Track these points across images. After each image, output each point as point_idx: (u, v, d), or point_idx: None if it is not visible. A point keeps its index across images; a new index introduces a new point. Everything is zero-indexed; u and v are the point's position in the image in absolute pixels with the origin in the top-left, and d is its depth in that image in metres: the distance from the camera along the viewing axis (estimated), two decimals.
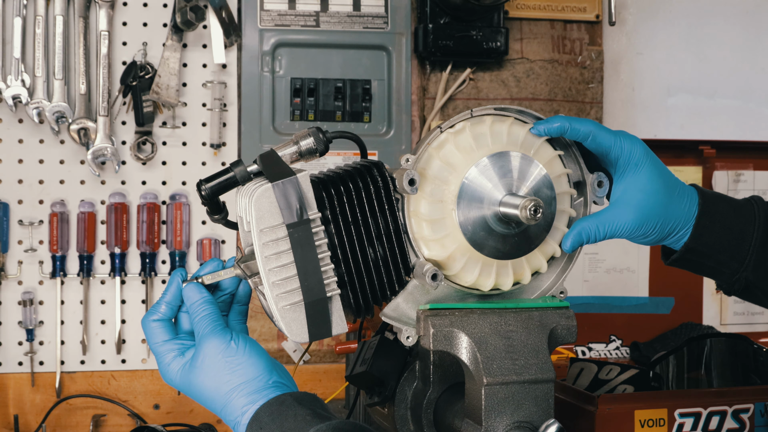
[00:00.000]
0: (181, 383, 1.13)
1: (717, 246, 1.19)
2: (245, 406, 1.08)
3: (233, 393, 1.09)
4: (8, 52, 1.97)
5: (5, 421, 2.02)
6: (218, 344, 1.11)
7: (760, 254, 1.19)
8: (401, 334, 1.17)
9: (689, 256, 1.20)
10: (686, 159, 2.21)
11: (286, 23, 2.12)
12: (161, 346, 1.15)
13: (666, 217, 1.17)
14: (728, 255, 1.19)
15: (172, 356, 1.14)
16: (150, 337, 1.16)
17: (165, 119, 2.08)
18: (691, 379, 1.82)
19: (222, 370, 1.10)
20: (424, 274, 1.12)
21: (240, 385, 1.10)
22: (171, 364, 1.14)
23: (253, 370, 1.11)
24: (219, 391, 1.10)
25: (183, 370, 1.13)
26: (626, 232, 1.17)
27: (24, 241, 2.03)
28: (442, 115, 2.22)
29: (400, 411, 1.30)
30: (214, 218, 1.23)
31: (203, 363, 1.11)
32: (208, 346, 1.12)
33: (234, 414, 1.09)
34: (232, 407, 1.09)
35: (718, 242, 1.19)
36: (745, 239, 1.19)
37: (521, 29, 2.26)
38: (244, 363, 1.11)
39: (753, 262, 1.19)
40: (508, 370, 1.13)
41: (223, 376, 1.10)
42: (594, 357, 2.13)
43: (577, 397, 1.63)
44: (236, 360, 1.11)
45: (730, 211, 1.20)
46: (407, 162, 1.13)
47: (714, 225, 1.19)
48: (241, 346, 1.12)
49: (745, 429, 1.66)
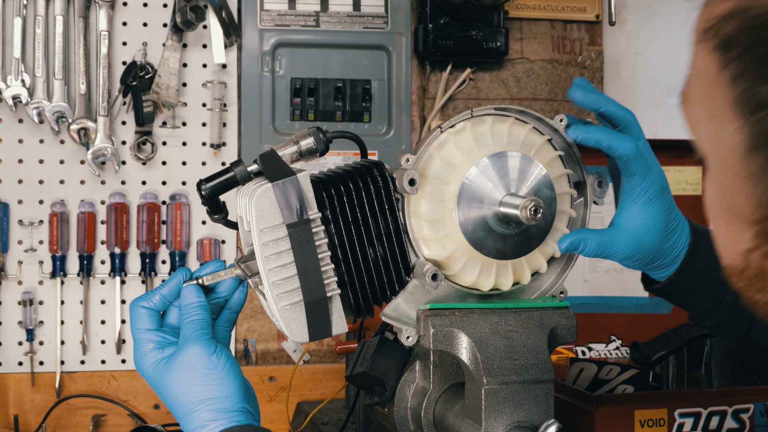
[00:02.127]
0: (152, 377, 1.13)
1: (698, 284, 1.21)
2: (207, 421, 1.08)
3: (199, 405, 1.09)
4: (8, 52, 1.97)
5: (5, 421, 2.02)
6: (201, 353, 1.11)
7: (737, 299, 1.20)
8: (401, 334, 1.17)
9: (671, 289, 1.23)
10: (686, 159, 2.21)
11: (286, 23, 2.12)
12: (143, 333, 1.15)
13: (657, 252, 1.19)
14: (708, 295, 1.22)
15: (151, 347, 1.14)
16: (134, 321, 1.16)
17: (165, 119, 2.08)
18: (691, 379, 1.82)
19: (196, 380, 1.10)
20: (424, 274, 1.12)
21: (209, 399, 1.09)
22: (147, 354, 1.14)
23: (225, 389, 1.10)
24: (187, 398, 1.10)
25: (158, 365, 1.13)
26: (618, 258, 1.19)
27: (24, 241, 2.03)
28: (442, 115, 2.22)
29: (400, 411, 1.30)
30: (214, 218, 1.22)
31: (180, 366, 1.11)
32: (191, 351, 1.11)
33: (193, 425, 1.09)
34: (194, 419, 1.09)
35: (699, 280, 1.21)
36: (726, 283, 1.20)
37: (521, 29, 2.26)
38: (219, 379, 1.10)
39: (729, 304, 1.21)
40: (508, 370, 1.13)
41: (195, 385, 1.10)
42: (594, 357, 2.13)
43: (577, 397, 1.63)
44: (213, 374, 1.10)
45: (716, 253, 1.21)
46: (407, 162, 1.13)
47: (700, 263, 1.21)
48: (222, 361, 1.11)
49: (745, 429, 1.66)
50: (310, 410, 1.88)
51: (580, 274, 2.17)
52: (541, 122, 1.18)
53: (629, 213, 1.18)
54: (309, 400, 2.09)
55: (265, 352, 2.14)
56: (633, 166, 1.17)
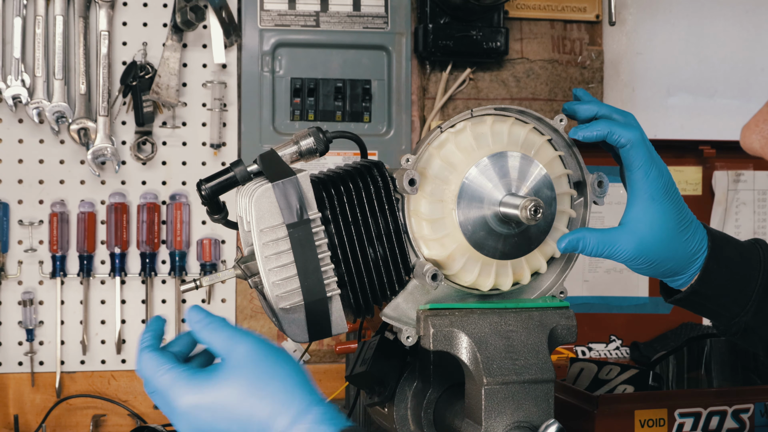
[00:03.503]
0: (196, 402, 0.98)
1: (721, 290, 1.18)
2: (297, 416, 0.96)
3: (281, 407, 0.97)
4: (8, 52, 1.97)
5: (5, 421, 2.02)
6: (254, 345, 1.01)
7: (761, 299, 1.19)
8: (401, 334, 1.17)
9: (693, 298, 1.20)
10: (686, 159, 2.21)
11: (286, 23, 2.12)
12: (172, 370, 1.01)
13: (666, 255, 1.16)
14: (731, 299, 1.19)
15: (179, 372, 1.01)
16: (152, 365, 1.02)
17: (165, 119, 2.08)
18: (691, 379, 1.82)
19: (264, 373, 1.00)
20: (424, 273, 1.12)
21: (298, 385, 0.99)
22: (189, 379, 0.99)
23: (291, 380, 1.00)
24: (284, 388, 0.98)
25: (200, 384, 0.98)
26: (622, 258, 1.16)
27: (24, 241, 2.03)
28: (442, 115, 2.22)
29: (400, 411, 1.30)
30: (214, 218, 1.22)
31: (239, 365, 0.99)
32: (244, 347, 1.00)
33: (282, 423, 0.96)
34: (283, 419, 0.96)
35: (722, 286, 1.18)
36: (749, 284, 1.18)
37: (521, 29, 2.26)
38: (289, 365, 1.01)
39: (754, 307, 1.18)
40: (508, 370, 1.13)
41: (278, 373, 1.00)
42: (594, 357, 2.13)
43: (577, 397, 1.63)
44: (281, 361, 1.02)
45: (737, 255, 1.19)
46: (407, 162, 1.13)
47: (720, 269, 1.18)
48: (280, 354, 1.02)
49: (745, 429, 1.66)
50: None
51: (580, 274, 2.17)
52: (541, 122, 1.18)
53: (633, 212, 1.16)
54: None
55: None
56: (635, 156, 1.14)
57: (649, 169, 1.15)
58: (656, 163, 1.16)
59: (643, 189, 1.15)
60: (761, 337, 1.21)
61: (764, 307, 1.19)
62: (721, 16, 2.43)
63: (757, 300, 1.18)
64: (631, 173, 1.16)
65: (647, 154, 1.15)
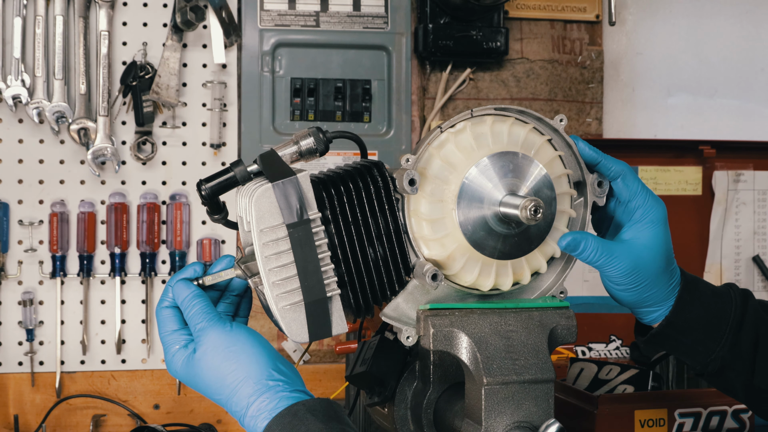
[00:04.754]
0: (185, 376, 1.13)
1: (695, 323, 1.21)
2: (250, 396, 1.08)
3: (238, 384, 1.09)
4: (8, 52, 1.97)
5: (5, 421, 2.02)
6: (218, 335, 1.11)
7: (735, 335, 1.22)
8: (401, 334, 1.17)
9: (668, 332, 1.22)
10: (686, 159, 2.21)
11: (286, 23, 2.12)
12: (169, 336, 1.16)
13: (653, 280, 1.19)
14: (705, 333, 1.22)
15: (177, 348, 1.14)
16: (160, 326, 1.17)
17: (165, 119, 2.08)
18: (691, 379, 1.82)
19: (225, 361, 1.10)
20: (424, 274, 1.12)
21: (244, 376, 1.09)
22: (175, 355, 1.14)
23: (255, 358, 1.10)
24: (223, 381, 1.10)
25: (186, 363, 1.13)
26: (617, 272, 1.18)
27: (24, 241, 2.03)
28: (442, 115, 2.22)
29: (400, 411, 1.30)
30: (214, 218, 1.23)
31: (205, 354, 1.11)
32: (208, 338, 1.11)
33: (239, 406, 1.08)
34: (237, 398, 1.08)
35: (696, 319, 1.21)
36: (723, 318, 1.22)
37: (521, 29, 2.26)
38: (246, 351, 1.10)
39: (729, 340, 1.21)
40: (508, 370, 1.13)
41: (225, 366, 1.10)
42: (594, 357, 2.13)
43: (577, 397, 1.63)
44: (237, 349, 1.10)
45: (709, 292, 1.24)
46: (407, 162, 1.13)
47: (694, 301, 1.21)
48: (242, 334, 1.11)
49: (745, 429, 1.66)
50: None
51: (580, 274, 2.17)
52: (541, 122, 1.18)
53: (632, 232, 1.19)
54: None
55: None
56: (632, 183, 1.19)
57: (646, 195, 1.19)
58: (655, 196, 1.21)
59: (645, 213, 1.19)
60: (738, 372, 1.23)
61: (739, 341, 1.22)
62: (721, 15, 2.43)
63: (731, 334, 1.21)
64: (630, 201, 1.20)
65: (643, 186, 1.20)
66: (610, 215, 1.24)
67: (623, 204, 1.21)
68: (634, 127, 2.38)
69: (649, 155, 2.19)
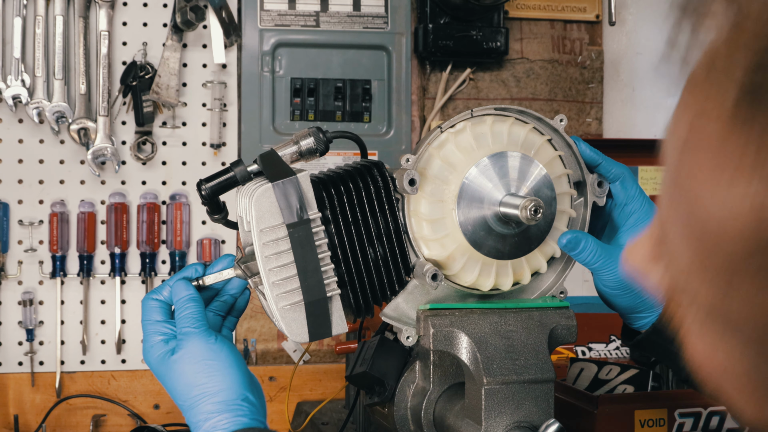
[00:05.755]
0: (157, 369, 1.14)
1: None
2: (210, 414, 1.08)
3: (203, 398, 1.09)
4: (8, 52, 1.97)
5: (5, 421, 2.02)
6: (200, 344, 1.11)
7: None
8: (401, 334, 1.17)
9: (654, 338, 1.21)
10: None
11: (286, 23, 2.12)
12: (152, 325, 1.16)
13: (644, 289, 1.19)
14: None
15: (158, 339, 1.15)
16: (144, 313, 1.18)
17: (165, 119, 2.08)
18: None
19: (198, 372, 1.10)
20: (424, 274, 1.12)
21: (211, 391, 1.09)
22: (154, 346, 1.15)
23: (228, 379, 1.09)
24: (190, 391, 1.10)
25: (162, 358, 1.13)
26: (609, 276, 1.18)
27: (24, 241, 2.03)
28: (442, 115, 2.22)
29: (400, 411, 1.30)
30: (214, 218, 1.23)
31: (182, 359, 1.11)
32: (191, 344, 1.11)
33: (196, 418, 1.09)
34: (197, 411, 1.09)
35: None
36: None
37: (521, 29, 2.26)
38: (221, 370, 1.10)
39: None
40: (508, 370, 1.13)
41: (197, 377, 1.10)
42: (594, 357, 2.13)
43: (577, 397, 1.63)
44: (215, 365, 1.10)
45: None
46: (407, 162, 1.13)
47: None
48: (223, 351, 1.11)
49: (745, 429, 1.66)
50: (310, 410, 1.88)
51: (580, 274, 2.17)
52: (541, 122, 1.18)
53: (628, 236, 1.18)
54: (309, 400, 2.09)
55: (265, 352, 2.14)
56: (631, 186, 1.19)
57: (643, 200, 1.19)
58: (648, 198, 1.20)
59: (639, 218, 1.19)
60: None
61: None
62: None
63: None
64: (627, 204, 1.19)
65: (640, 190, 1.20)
66: (605, 218, 1.24)
67: (620, 207, 1.20)
68: (634, 127, 2.38)
69: (649, 155, 2.18)
